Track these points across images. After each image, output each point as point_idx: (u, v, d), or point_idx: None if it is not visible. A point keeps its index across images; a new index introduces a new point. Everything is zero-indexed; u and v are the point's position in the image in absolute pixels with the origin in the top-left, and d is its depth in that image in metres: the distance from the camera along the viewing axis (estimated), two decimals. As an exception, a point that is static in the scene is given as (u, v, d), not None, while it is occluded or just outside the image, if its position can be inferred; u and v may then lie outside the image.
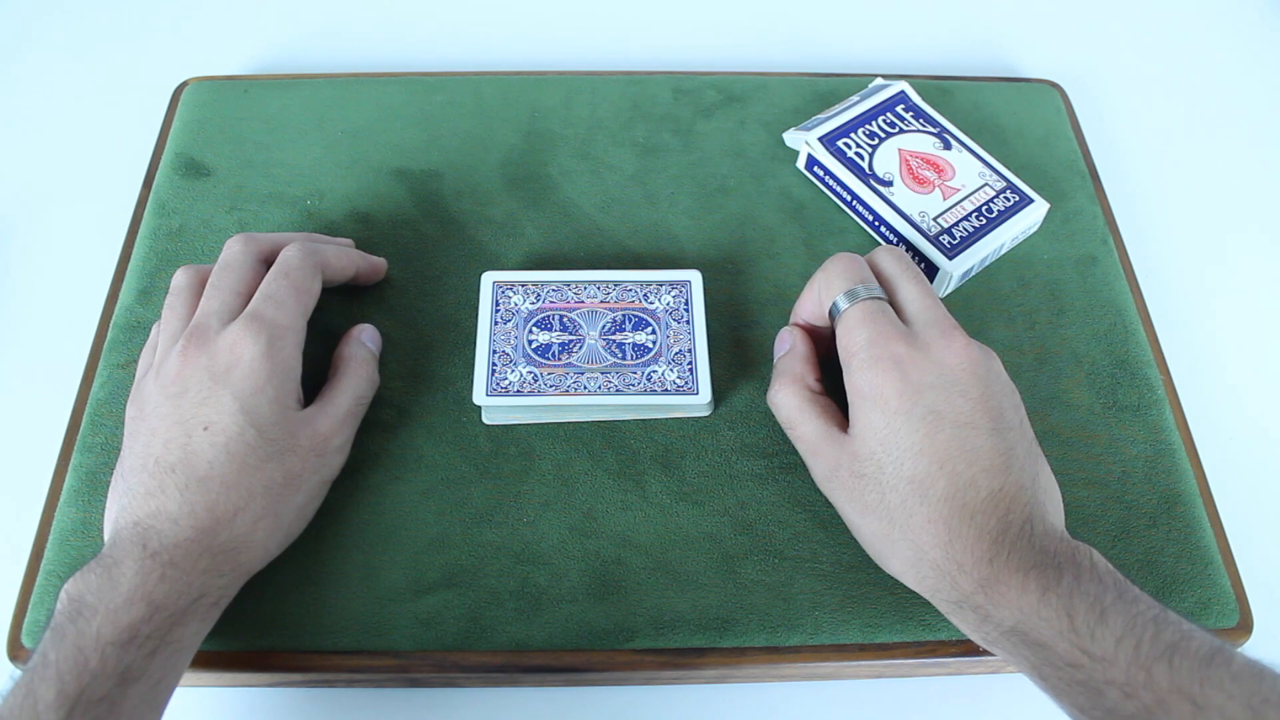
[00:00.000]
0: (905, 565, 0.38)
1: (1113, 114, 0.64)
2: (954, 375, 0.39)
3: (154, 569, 0.35)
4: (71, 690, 0.32)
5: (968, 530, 0.36)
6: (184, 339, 0.40)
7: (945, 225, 0.50)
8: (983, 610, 0.36)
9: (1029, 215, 0.51)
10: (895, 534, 0.38)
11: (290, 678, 0.41)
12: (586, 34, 0.67)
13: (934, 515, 0.37)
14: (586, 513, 0.44)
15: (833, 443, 0.41)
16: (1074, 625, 0.34)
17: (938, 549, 0.37)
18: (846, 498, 0.40)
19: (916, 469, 0.38)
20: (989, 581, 0.36)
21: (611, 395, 0.45)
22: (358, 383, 0.44)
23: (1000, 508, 0.37)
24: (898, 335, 0.40)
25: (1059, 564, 0.35)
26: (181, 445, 0.38)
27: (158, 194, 0.53)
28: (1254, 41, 0.69)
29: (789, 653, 0.41)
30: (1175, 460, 0.46)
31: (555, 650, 0.41)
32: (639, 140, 0.56)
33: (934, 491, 0.37)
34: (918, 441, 0.38)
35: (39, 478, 0.45)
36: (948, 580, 0.37)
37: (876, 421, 0.39)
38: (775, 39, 0.67)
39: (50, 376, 0.49)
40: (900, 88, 0.56)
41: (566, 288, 0.48)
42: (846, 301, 0.41)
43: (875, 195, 0.51)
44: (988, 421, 0.38)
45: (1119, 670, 0.32)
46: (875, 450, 0.39)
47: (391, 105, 0.57)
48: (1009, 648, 0.36)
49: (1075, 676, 0.33)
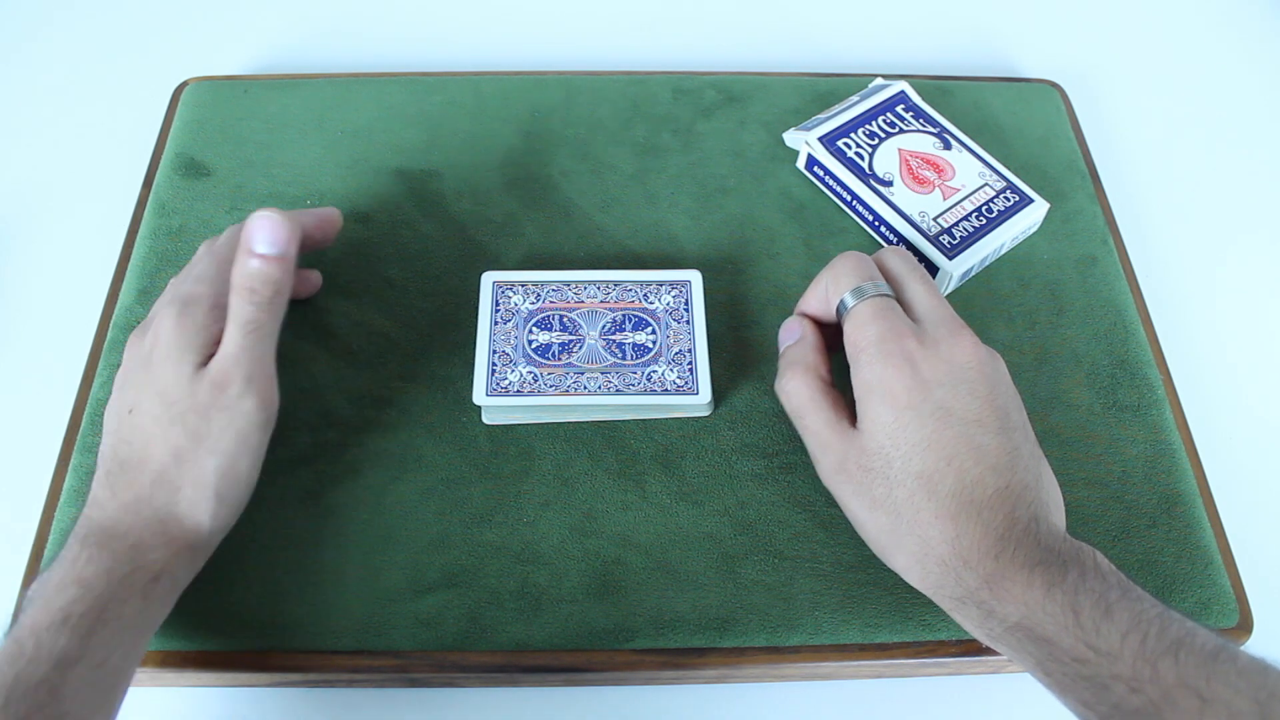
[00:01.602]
0: (910, 561, 0.38)
1: (1113, 114, 0.64)
2: (963, 373, 0.39)
3: (82, 552, 0.36)
4: (7, 677, 0.32)
5: (974, 526, 0.37)
6: (131, 335, 0.42)
7: (945, 225, 0.50)
8: (987, 606, 0.36)
9: (1029, 215, 0.51)
10: (902, 529, 0.38)
11: (290, 678, 0.41)
12: (586, 34, 0.67)
13: (941, 511, 0.37)
14: (586, 513, 0.44)
15: (842, 436, 0.40)
16: (1079, 621, 0.34)
17: (944, 544, 0.37)
18: (853, 492, 0.40)
19: (925, 464, 0.38)
20: (994, 577, 0.36)
21: (611, 395, 0.45)
22: (239, 310, 0.39)
23: (1006, 505, 0.37)
24: (908, 332, 0.40)
25: (1064, 561, 0.36)
26: (114, 433, 0.40)
27: (158, 194, 0.53)
28: (1254, 41, 0.69)
29: (789, 653, 0.41)
30: (1175, 460, 0.46)
31: (555, 650, 0.41)
32: (639, 140, 0.56)
33: (942, 487, 0.37)
34: (926, 437, 0.38)
35: (39, 478, 0.45)
36: (953, 576, 0.37)
37: (885, 416, 0.39)
38: (775, 39, 0.67)
39: (50, 376, 0.49)
40: (900, 88, 0.56)
41: (566, 288, 0.48)
42: (855, 298, 0.41)
43: (875, 195, 0.51)
44: (995, 420, 0.38)
45: (1125, 665, 0.32)
46: (884, 445, 0.39)
47: (391, 105, 0.57)
48: (1013, 644, 0.36)
49: (1081, 672, 0.33)
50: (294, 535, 0.42)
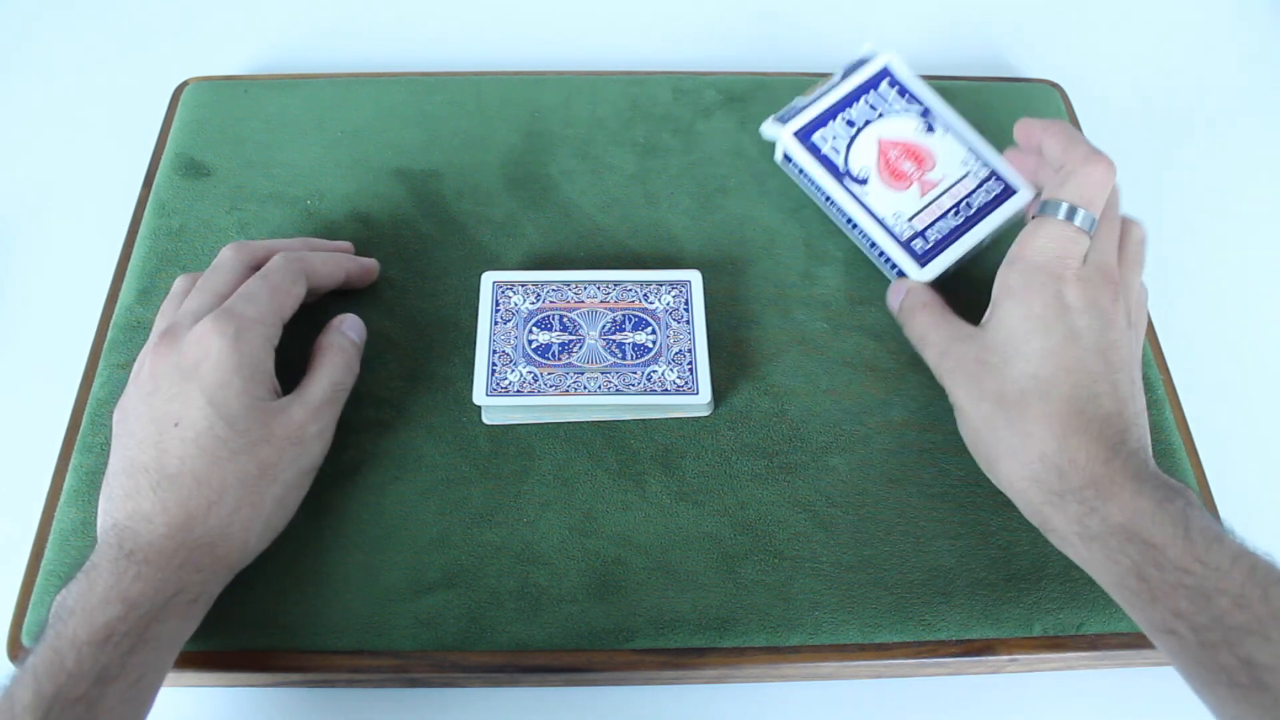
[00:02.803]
0: (1006, 452, 0.39)
1: (1113, 114, 0.64)
2: (1105, 315, 0.40)
3: (129, 568, 0.36)
4: (48, 691, 0.32)
5: (1085, 432, 0.37)
6: (157, 338, 0.41)
7: (919, 228, 0.49)
8: (1090, 504, 0.36)
9: (1010, 206, 0.49)
10: (1003, 421, 0.39)
11: (290, 678, 0.41)
12: (586, 34, 0.67)
13: (1051, 411, 0.38)
14: (586, 513, 0.44)
15: (964, 336, 0.42)
16: (1189, 535, 0.34)
17: (1051, 441, 0.38)
18: (964, 380, 0.41)
19: (1042, 369, 0.39)
20: (1102, 480, 0.36)
21: (611, 395, 0.45)
22: (334, 370, 0.43)
23: (1117, 427, 0.38)
24: (1074, 273, 0.40)
25: (1171, 489, 0.36)
26: (154, 444, 0.38)
27: (158, 194, 0.53)
28: (1254, 41, 0.69)
29: (789, 653, 0.41)
30: (1175, 460, 0.46)
31: (555, 650, 0.41)
32: (639, 140, 0.56)
33: (1056, 391, 0.38)
34: (1051, 348, 0.39)
35: (39, 478, 0.45)
36: (1055, 472, 0.37)
37: (1016, 317, 0.40)
38: (775, 39, 0.68)
39: (50, 376, 0.49)
40: (885, 62, 0.53)
41: (566, 288, 0.48)
42: (1066, 215, 0.41)
43: (848, 195, 0.50)
44: (1120, 364, 0.39)
45: (1234, 582, 0.33)
46: (1005, 343, 0.40)
47: (391, 105, 0.57)
48: (1111, 545, 0.36)
49: (1183, 580, 0.34)
50: (294, 535, 0.42)
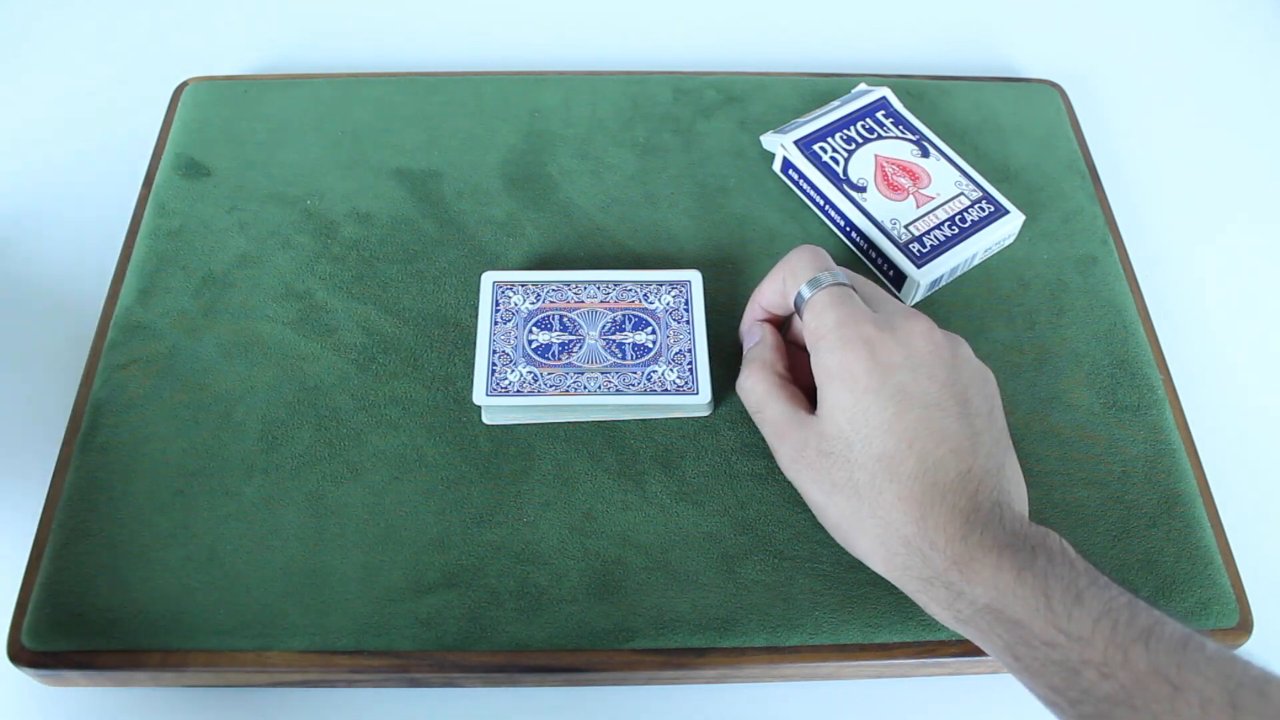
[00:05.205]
0: (874, 543, 0.38)
1: (1113, 114, 0.64)
2: (921, 357, 0.39)
3: None
4: None
5: (940, 508, 0.37)
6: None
7: (916, 233, 0.50)
8: (956, 587, 0.36)
9: (1003, 226, 0.51)
10: (864, 511, 0.38)
11: (290, 677, 0.41)
12: (586, 34, 0.67)
13: (904, 493, 0.37)
14: (586, 513, 0.44)
15: (800, 424, 0.41)
16: (1050, 605, 0.34)
17: (909, 525, 0.37)
18: (813, 478, 0.40)
19: (885, 446, 0.38)
20: (963, 559, 0.36)
21: (611, 395, 0.45)
22: None
23: (969, 488, 0.37)
24: (866, 318, 0.40)
25: (1031, 547, 0.36)
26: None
27: (158, 194, 0.53)
28: (1254, 41, 0.69)
29: (789, 653, 0.41)
30: (1175, 460, 0.46)
31: (555, 650, 0.41)
32: (639, 140, 0.56)
33: (904, 469, 0.37)
34: (887, 420, 0.38)
35: (39, 478, 0.45)
36: (919, 557, 0.37)
37: (845, 400, 0.39)
38: (775, 39, 0.68)
39: (50, 376, 0.49)
40: (882, 93, 0.56)
41: (566, 288, 0.48)
42: (811, 289, 0.42)
43: (847, 200, 0.51)
44: (954, 405, 0.38)
45: (1096, 650, 0.33)
46: (844, 428, 0.39)
47: (391, 105, 0.57)
48: (982, 626, 0.36)
49: (1051, 656, 0.34)
50: (294, 535, 0.42)
